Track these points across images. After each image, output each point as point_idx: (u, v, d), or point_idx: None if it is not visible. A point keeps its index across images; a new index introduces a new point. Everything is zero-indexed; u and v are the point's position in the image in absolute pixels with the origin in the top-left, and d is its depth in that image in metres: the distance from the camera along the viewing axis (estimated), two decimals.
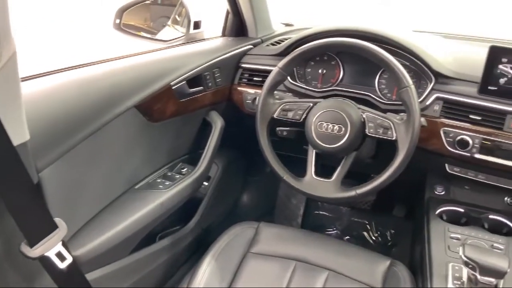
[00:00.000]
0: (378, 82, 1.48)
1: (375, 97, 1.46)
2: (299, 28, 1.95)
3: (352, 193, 1.27)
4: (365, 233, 2.15)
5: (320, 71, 1.56)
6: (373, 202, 2.20)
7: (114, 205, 1.27)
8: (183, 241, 1.58)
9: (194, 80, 1.47)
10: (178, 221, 1.61)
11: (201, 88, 1.51)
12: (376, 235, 2.14)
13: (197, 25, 1.70)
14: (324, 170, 1.36)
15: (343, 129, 1.27)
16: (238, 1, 1.67)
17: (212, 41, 1.75)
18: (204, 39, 1.75)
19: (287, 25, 2.01)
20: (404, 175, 1.25)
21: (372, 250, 1.39)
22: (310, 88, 1.55)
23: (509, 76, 1.26)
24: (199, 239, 1.66)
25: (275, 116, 1.37)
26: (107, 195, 1.27)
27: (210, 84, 1.54)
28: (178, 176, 1.45)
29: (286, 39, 1.65)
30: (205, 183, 1.68)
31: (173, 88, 1.38)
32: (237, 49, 1.66)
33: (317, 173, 1.35)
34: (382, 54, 1.25)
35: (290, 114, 1.36)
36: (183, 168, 1.51)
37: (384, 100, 1.45)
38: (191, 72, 1.45)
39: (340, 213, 2.23)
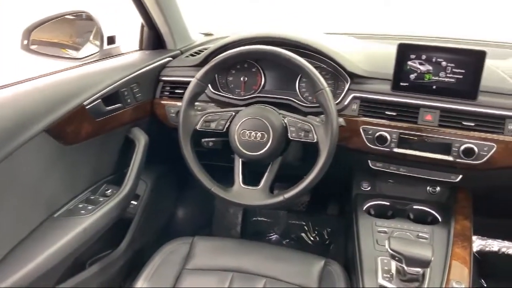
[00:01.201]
0: (299, 86, 1.51)
1: (296, 101, 1.48)
2: (218, 37, 1.94)
3: (280, 198, 1.27)
4: (303, 234, 2.18)
5: (242, 79, 1.56)
6: (308, 203, 2.23)
7: (33, 236, 1.19)
8: (114, 266, 1.51)
9: (110, 98, 1.41)
10: (109, 245, 1.54)
11: (119, 105, 1.45)
12: (313, 235, 2.17)
13: (111, 40, 1.64)
14: (256, 177, 1.35)
15: (266, 135, 1.27)
16: (151, 14, 1.63)
17: (129, 55, 1.70)
18: (120, 54, 1.69)
19: (206, 34, 1.99)
20: (331, 174, 1.27)
21: (311, 250, 1.41)
22: (233, 97, 1.54)
23: (418, 72, 1.32)
24: (132, 262, 1.60)
25: (197, 128, 1.35)
26: (23, 226, 1.18)
27: (129, 100, 1.49)
28: (102, 199, 1.38)
29: (205, 49, 1.63)
30: (134, 202, 1.61)
31: (87, 107, 1.31)
32: (155, 62, 1.62)
33: (245, 181, 1.34)
34: (296, 59, 1.26)
35: (213, 125, 1.34)
36: (107, 190, 1.45)
37: (306, 103, 1.47)
38: (106, 90, 1.39)
39: (278, 217, 2.25)
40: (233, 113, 1.34)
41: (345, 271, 1.32)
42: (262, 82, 1.54)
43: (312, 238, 2.17)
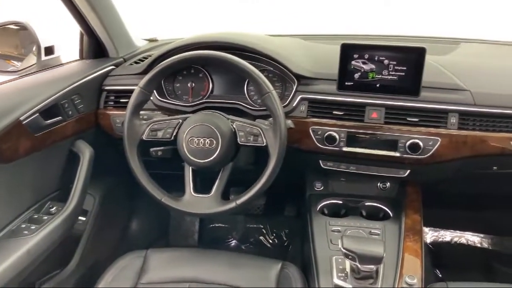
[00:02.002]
0: (247, 89, 1.49)
1: (246, 105, 1.47)
2: (163, 42, 1.90)
3: (232, 205, 1.25)
4: (262, 238, 2.17)
5: (189, 84, 1.53)
6: (265, 206, 2.22)
7: None
8: (65, 285, 1.46)
9: (50, 111, 1.35)
10: (58, 264, 1.48)
11: (60, 118, 1.39)
12: (272, 237, 2.17)
13: (50, 51, 1.56)
14: (209, 184, 1.32)
15: (215, 142, 1.25)
16: (89, 21, 1.56)
17: (68, 66, 1.63)
18: (60, 64, 1.62)
19: (150, 40, 1.95)
20: (284, 176, 1.27)
21: (270, 253, 1.40)
22: (181, 103, 1.51)
23: (362, 71, 1.33)
24: (84, 279, 1.54)
25: (144, 138, 1.30)
26: None
27: (70, 113, 1.43)
28: (46, 217, 1.32)
29: (150, 56, 1.59)
30: (82, 218, 1.55)
31: (23, 123, 1.24)
32: (97, 71, 1.56)
33: (198, 189, 1.32)
34: (240, 63, 1.25)
35: (160, 134, 1.31)
36: (52, 207, 1.38)
37: (255, 107, 1.46)
38: (44, 103, 1.32)
39: (236, 222, 2.23)
40: (180, 121, 1.31)
41: (302, 272, 1.32)
42: (210, 87, 1.52)
43: (270, 241, 2.16)
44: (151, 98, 1.47)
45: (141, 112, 1.36)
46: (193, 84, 1.53)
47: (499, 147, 1.32)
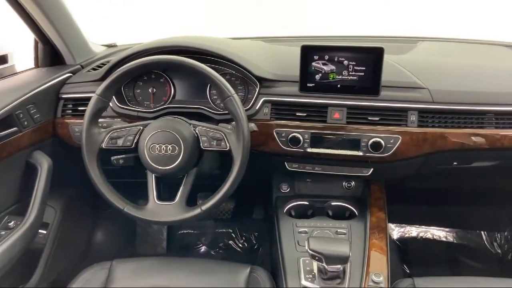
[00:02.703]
0: (210, 93, 1.48)
1: (209, 109, 1.45)
2: (122, 48, 1.86)
3: (197, 211, 1.24)
4: (231, 242, 2.15)
5: (150, 90, 1.50)
6: (233, 210, 2.21)
7: None
8: None
9: (4, 122, 1.30)
10: (19, 280, 1.42)
11: (15, 129, 1.34)
12: (241, 241, 2.16)
13: (3, 60, 1.51)
14: (174, 191, 1.30)
15: (177, 148, 1.23)
16: (43, 28, 1.51)
17: (23, 75, 1.57)
18: (14, 73, 1.56)
19: (109, 46, 1.90)
20: (251, 179, 1.26)
21: (240, 257, 1.39)
22: (142, 110, 1.48)
23: (323, 72, 1.34)
24: None
25: (103, 146, 1.27)
26: None
27: (26, 123, 1.38)
28: (4, 232, 1.27)
29: (108, 62, 1.55)
30: (43, 232, 1.50)
31: None
32: (53, 79, 1.51)
33: (162, 197, 1.29)
34: (200, 67, 1.23)
35: (120, 142, 1.28)
36: (9, 222, 1.33)
37: (218, 111, 1.45)
38: None
39: (205, 228, 2.21)
40: (141, 128, 1.28)
41: (270, 275, 1.31)
42: (172, 93, 1.49)
43: (240, 245, 2.15)
44: (111, 105, 1.43)
45: (100, 120, 1.33)
46: (154, 90, 1.50)
47: (458, 143, 1.35)
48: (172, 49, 1.40)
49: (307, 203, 1.51)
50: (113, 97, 1.44)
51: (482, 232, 2.20)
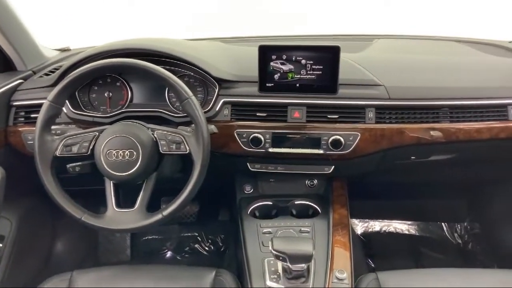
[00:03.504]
0: (168, 96, 1.45)
1: (168, 112, 1.43)
2: (76, 52, 1.80)
3: (158, 216, 1.21)
4: (197, 246, 2.13)
5: (106, 94, 1.46)
6: (198, 213, 2.19)
7: None
8: None
9: None
10: None
11: None
12: (208, 244, 2.14)
13: None
14: (134, 197, 1.27)
15: (135, 153, 1.20)
16: None
17: None
18: None
19: (62, 50, 1.84)
20: (215, 181, 1.25)
21: (207, 260, 1.36)
22: (99, 115, 1.43)
23: (281, 71, 1.34)
24: None
25: (57, 154, 1.22)
26: None
27: None
28: None
29: (61, 67, 1.50)
30: None
31: None
32: (3, 86, 1.45)
33: (120, 204, 1.26)
34: (156, 70, 1.21)
35: (74, 149, 1.23)
36: None
37: (178, 114, 1.42)
38: None
39: (169, 232, 2.17)
40: (97, 133, 1.24)
41: (236, 278, 1.30)
42: (129, 96, 1.46)
43: (207, 248, 2.13)
44: (65, 111, 1.39)
45: (54, 127, 1.28)
46: (111, 94, 1.46)
47: (415, 137, 1.38)
48: (127, 51, 1.37)
49: (271, 203, 1.52)
50: (67, 102, 1.39)
51: (443, 224, 2.27)
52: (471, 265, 1.94)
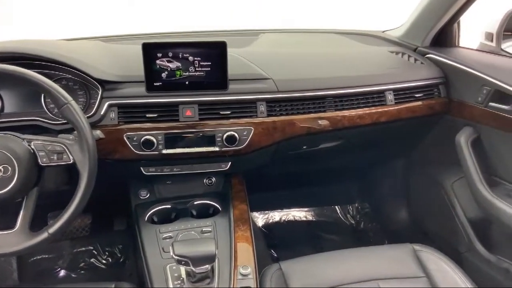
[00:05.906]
0: (45, 102, 1.32)
1: (46, 119, 1.30)
2: None
3: (44, 235, 1.09)
4: (94, 260, 1.99)
5: None
6: (91, 225, 2.05)
7: None
8: None
9: None
10: None
11: None
12: (105, 257, 2.01)
13: None
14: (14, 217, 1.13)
15: (10, 168, 1.07)
16: None
17: None
18: None
19: None
20: (107, 190, 1.16)
21: (106, 274, 1.27)
22: None
23: (169, 69, 1.30)
24: None
25: None
26: None
27: None
28: None
29: None
30: None
31: None
32: None
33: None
34: (26, 74, 1.08)
35: None
36: None
37: (57, 121, 1.30)
38: None
39: (60, 250, 2.00)
40: None
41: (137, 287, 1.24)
42: (0, 105, 1.30)
43: (104, 261, 2.00)
44: None
45: None
46: None
47: (305, 127, 1.43)
48: None
49: (170, 206, 1.46)
50: None
51: (337, 207, 2.40)
52: (365, 243, 2.07)
